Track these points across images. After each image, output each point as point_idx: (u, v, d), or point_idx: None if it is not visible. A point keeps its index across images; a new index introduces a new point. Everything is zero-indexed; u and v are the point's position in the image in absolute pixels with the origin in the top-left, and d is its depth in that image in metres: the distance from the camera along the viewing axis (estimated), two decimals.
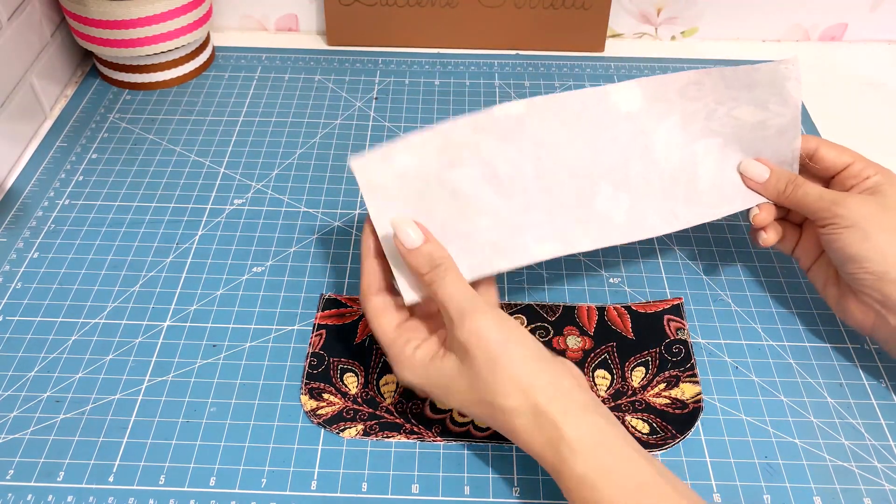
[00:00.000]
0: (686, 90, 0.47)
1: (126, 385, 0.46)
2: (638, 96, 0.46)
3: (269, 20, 0.77)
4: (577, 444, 0.36)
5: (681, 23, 0.76)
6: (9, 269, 0.52)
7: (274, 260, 0.53)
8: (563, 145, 0.45)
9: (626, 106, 0.46)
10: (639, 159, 0.47)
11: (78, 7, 0.63)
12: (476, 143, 0.43)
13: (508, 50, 0.74)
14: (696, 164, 0.48)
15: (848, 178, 0.47)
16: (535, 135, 0.44)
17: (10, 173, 0.60)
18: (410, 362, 0.40)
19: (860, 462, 0.43)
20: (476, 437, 0.43)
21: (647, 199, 0.47)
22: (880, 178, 0.45)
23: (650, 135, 0.47)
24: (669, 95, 0.47)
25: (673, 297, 0.51)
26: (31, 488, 0.41)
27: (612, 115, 0.46)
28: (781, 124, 0.47)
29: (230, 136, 0.64)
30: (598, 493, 0.35)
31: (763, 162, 0.48)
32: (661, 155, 0.47)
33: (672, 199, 0.47)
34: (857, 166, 0.46)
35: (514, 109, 0.44)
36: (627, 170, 0.46)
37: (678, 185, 0.47)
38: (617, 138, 0.46)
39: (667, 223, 0.47)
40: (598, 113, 0.46)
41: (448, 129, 0.43)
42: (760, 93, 0.47)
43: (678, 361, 0.47)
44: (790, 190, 0.47)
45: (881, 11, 0.74)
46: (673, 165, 0.47)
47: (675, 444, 0.43)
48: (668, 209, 0.47)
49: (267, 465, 0.42)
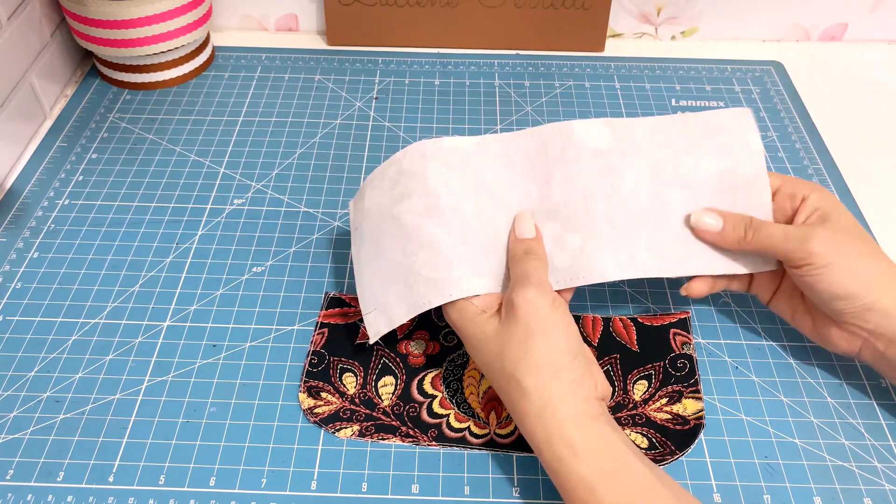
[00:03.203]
0: (654, 136, 0.45)
1: (126, 385, 0.46)
2: (607, 134, 0.45)
3: (269, 20, 0.77)
4: (579, 447, 0.36)
5: (681, 23, 0.76)
6: (9, 269, 0.52)
7: (274, 260, 0.53)
8: (507, 183, 0.45)
9: (594, 143, 0.45)
10: (603, 197, 0.44)
11: (78, 7, 0.63)
12: (423, 171, 0.44)
13: (508, 50, 0.74)
14: (667, 212, 0.45)
15: (783, 200, 0.45)
16: (478, 172, 0.45)
17: (10, 173, 0.60)
18: (463, 304, 0.41)
19: (860, 462, 0.43)
20: (472, 444, 0.43)
21: (604, 240, 0.44)
22: (818, 198, 0.44)
23: (619, 174, 0.44)
24: (638, 139, 0.45)
25: (677, 309, 0.51)
26: (31, 488, 0.41)
27: (576, 150, 0.44)
28: (748, 174, 0.45)
29: (230, 136, 0.64)
30: (597, 496, 0.35)
31: (715, 211, 0.44)
32: (629, 195, 0.44)
33: (633, 243, 0.44)
34: (788, 186, 0.45)
35: (462, 144, 0.45)
36: (586, 208, 0.44)
37: (644, 228, 0.45)
38: (580, 173, 0.44)
39: (621, 268, 0.44)
40: (561, 147, 0.44)
41: (399, 159, 0.45)
42: (724, 139, 0.45)
43: (682, 377, 0.46)
44: (750, 235, 0.43)
45: (881, 11, 0.74)
46: (641, 208, 0.45)
47: (673, 461, 0.42)
48: (626, 252, 0.44)
49: (267, 465, 0.42)
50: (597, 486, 0.35)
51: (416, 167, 0.44)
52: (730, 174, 0.45)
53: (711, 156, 0.45)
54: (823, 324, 0.44)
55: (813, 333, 0.45)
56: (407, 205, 0.43)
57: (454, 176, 0.44)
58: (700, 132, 0.46)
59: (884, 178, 0.61)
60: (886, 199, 0.59)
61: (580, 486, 0.35)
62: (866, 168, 0.62)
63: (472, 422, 0.44)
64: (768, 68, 0.72)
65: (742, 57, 0.74)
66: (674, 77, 0.71)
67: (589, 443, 0.36)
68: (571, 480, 0.35)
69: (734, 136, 0.45)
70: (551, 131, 0.45)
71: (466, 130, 0.64)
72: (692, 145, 0.46)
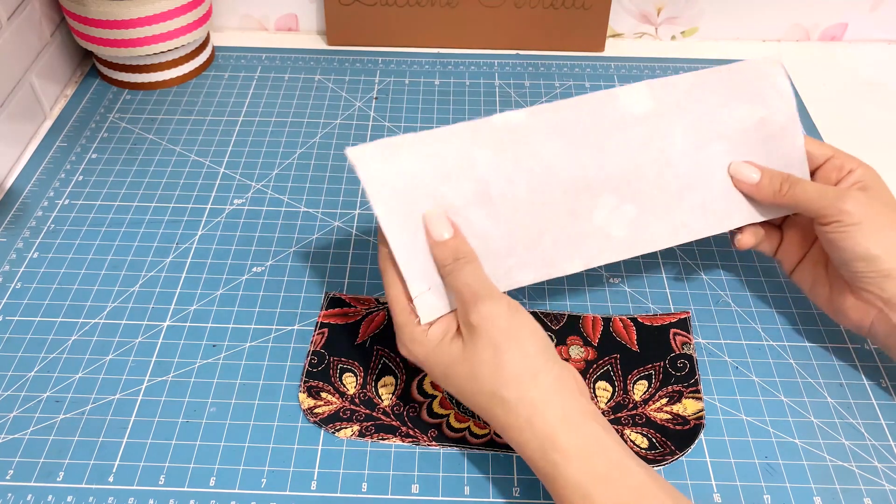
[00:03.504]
0: (691, 91, 0.45)
1: (126, 385, 0.46)
2: (647, 97, 0.44)
3: (269, 20, 0.77)
4: (572, 451, 0.35)
5: (681, 23, 0.76)
6: (9, 269, 0.52)
7: (274, 260, 0.53)
8: (563, 155, 0.43)
9: (638, 108, 0.44)
10: (652, 164, 0.44)
11: (78, 7, 0.63)
12: (472, 157, 0.41)
13: (508, 50, 0.74)
14: (711, 171, 0.46)
15: (830, 170, 0.46)
16: (533, 146, 0.43)
17: (10, 173, 0.60)
18: (421, 338, 0.40)
19: (860, 462, 0.43)
20: (472, 444, 0.43)
21: (657, 208, 0.45)
22: (863, 172, 0.45)
23: (665, 138, 0.44)
24: (678, 96, 0.45)
25: (677, 308, 0.51)
26: (30, 488, 0.41)
27: (623, 119, 0.44)
28: (781, 121, 0.46)
29: (230, 136, 0.64)
30: (592, 501, 0.34)
31: (753, 164, 0.46)
32: (677, 160, 0.45)
33: (684, 209, 0.45)
34: (838, 160, 0.46)
35: (514, 118, 0.42)
36: (638, 177, 0.44)
37: (691, 191, 0.45)
38: (628, 143, 0.44)
39: (673, 234, 0.45)
40: (608, 117, 0.44)
41: (445, 136, 0.41)
42: (757, 87, 0.46)
43: (682, 377, 0.46)
44: (786, 188, 0.45)
45: (881, 11, 0.74)
46: (689, 169, 0.45)
47: (673, 461, 0.42)
48: (677, 219, 0.45)
49: (267, 465, 0.42)
50: (591, 490, 0.34)
51: (465, 152, 0.41)
52: (764, 123, 0.46)
53: (747, 105, 0.46)
54: (840, 291, 0.45)
55: (828, 304, 0.46)
56: (455, 188, 0.41)
57: (504, 158, 0.42)
58: (734, 83, 0.46)
59: (884, 177, 0.61)
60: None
61: (575, 492, 0.35)
62: None
63: (472, 422, 0.44)
64: None
65: (742, 57, 0.74)
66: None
67: (582, 446, 0.35)
68: (567, 486, 0.35)
69: (766, 84, 0.46)
70: (599, 100, 0.44)
71: None
72: (728, 97, 0.46)
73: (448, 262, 0.40)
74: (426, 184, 0.41)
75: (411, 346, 0.40)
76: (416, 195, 0.41)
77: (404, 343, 0.40)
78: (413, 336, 0.40)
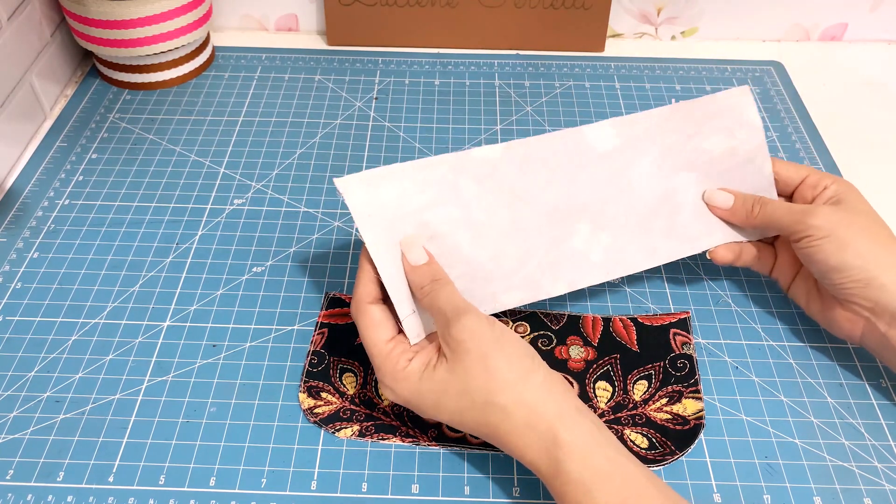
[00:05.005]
0: (659, 126, 0.47)
1: (126, 385, 0.46)
2: (612, 136, 0.46)
3: (269, 20, 0.77)
4: (572, 447, 0.36)
5: (681, 23, 0.76)
6: (9, 269, 0.52)
7: (274, 260, 0.53)
8: (540, 186, 0.45)
9: (602, 146, 0.46)
10: (618, 196, 0.47)
11: (78, 7, 0.63)
12: (456, 185, 0.43)
13: (508, 50, 0.74)
14: (677, 198, 0.48)
15: (806, 189, 0.47)
16: (511, 180, 0.44)
17: (10, 173, 0.60)
18: (404, 375, 0.39)
19: (860, 462, 0.43)
20: (472, 444, 0.43)
21: (630, 234, 0.47)
22: (837, 186, 0.46)
23: (628, 172, 0.47)
24: (643, 133, 0.47)
25: (677, 308, 0.51)
26: (31, 488, 0.41)
27: (588, 156, 0.46)
28: (749, 150, 0.48)
29: (230, 136, 0.64)
30: (592, 497, 0.35)
31: (727, 190, 0.48)
32: (640, 191, 0.47)
33: (652, 234, 0.47)
34: (813, 177, 0.47)
35: (491, 153, 0.44)
36: (609, 207, 0.46)
37: (658, 218, 0.48)
38: (596, 176, 0.46)
39: (650, 257, 0.48)
40: (575, 153, 0.46)
41: (429, 166, 0.43)
42: (725, 121, 0.48)
43: (682, 377, 0.46)
44: (757, 210, 0.47)
45: (881, 11, 0.74)
46: (653, 200, 0.47)
47: (673, 461, 0.42)
48: (648, 244, 0.47)
49: (267, 465, 0.42)
50: (592, 486, 0.35)
51: (448, 178, 0.43)
52: (734, 152, 0.48)
53: (715, 137, 0.48)
54: (830, 305, 0.46)
55: (822, 318, 0.47)
56: (442, 212, 0.43)
57: (485, 189, 0.44)
58: (703, 116, 0.48)
59: (884, 177, 0.61)
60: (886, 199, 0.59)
61: (578, 489, 0.35)
62: (866, 168, 0.62)
63: None
64: (768, 68, 0.73)
65: (742, 57, 0.74)
66: (674, 77, 0.71)
67: (580, 442, 0.36)
68: (569, 482, 0.35)
69: (734, 117, 0.48)
70: (568, 137, 0.46)
71: (466, 130, 0.65)
72: (696, 131, 0.48)
73: (425, 284, 0.41)
74: (412, 212, 0.43)
75: (394, 385, 0.40)
76: (403, 223, 0.43)
77: (387, 385, 0.40)
78: (395, 375, 0.40)
